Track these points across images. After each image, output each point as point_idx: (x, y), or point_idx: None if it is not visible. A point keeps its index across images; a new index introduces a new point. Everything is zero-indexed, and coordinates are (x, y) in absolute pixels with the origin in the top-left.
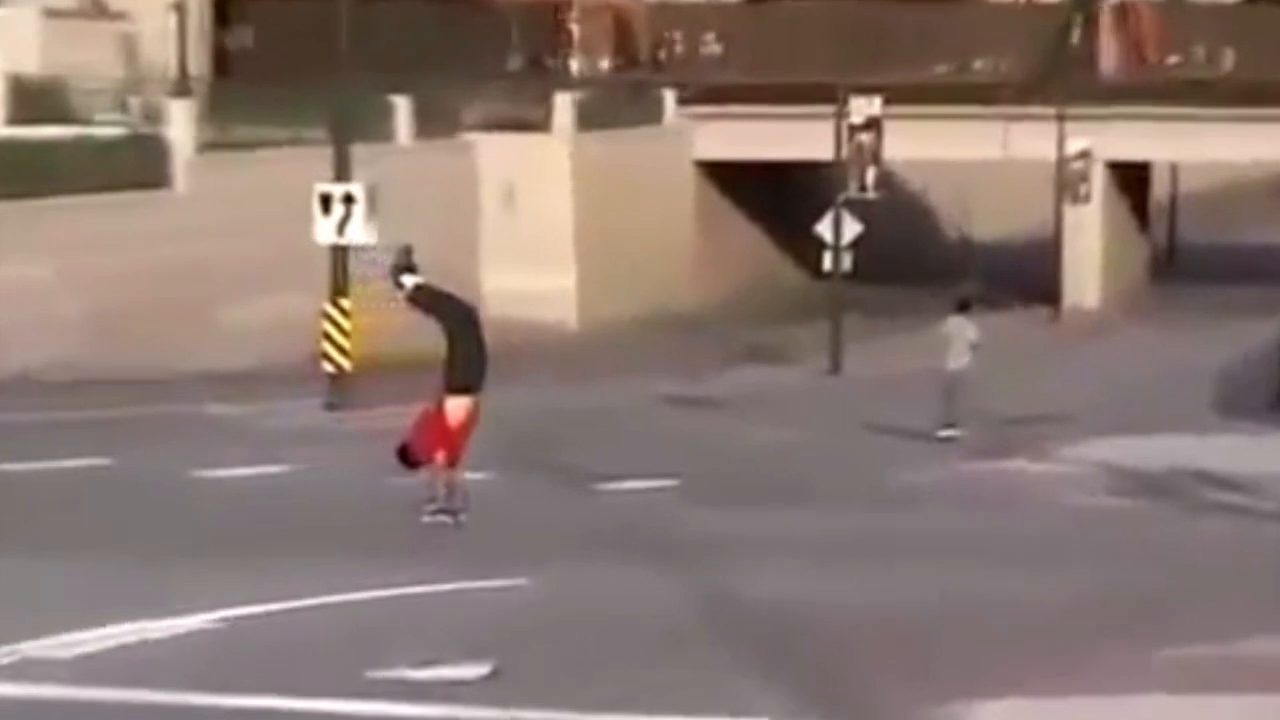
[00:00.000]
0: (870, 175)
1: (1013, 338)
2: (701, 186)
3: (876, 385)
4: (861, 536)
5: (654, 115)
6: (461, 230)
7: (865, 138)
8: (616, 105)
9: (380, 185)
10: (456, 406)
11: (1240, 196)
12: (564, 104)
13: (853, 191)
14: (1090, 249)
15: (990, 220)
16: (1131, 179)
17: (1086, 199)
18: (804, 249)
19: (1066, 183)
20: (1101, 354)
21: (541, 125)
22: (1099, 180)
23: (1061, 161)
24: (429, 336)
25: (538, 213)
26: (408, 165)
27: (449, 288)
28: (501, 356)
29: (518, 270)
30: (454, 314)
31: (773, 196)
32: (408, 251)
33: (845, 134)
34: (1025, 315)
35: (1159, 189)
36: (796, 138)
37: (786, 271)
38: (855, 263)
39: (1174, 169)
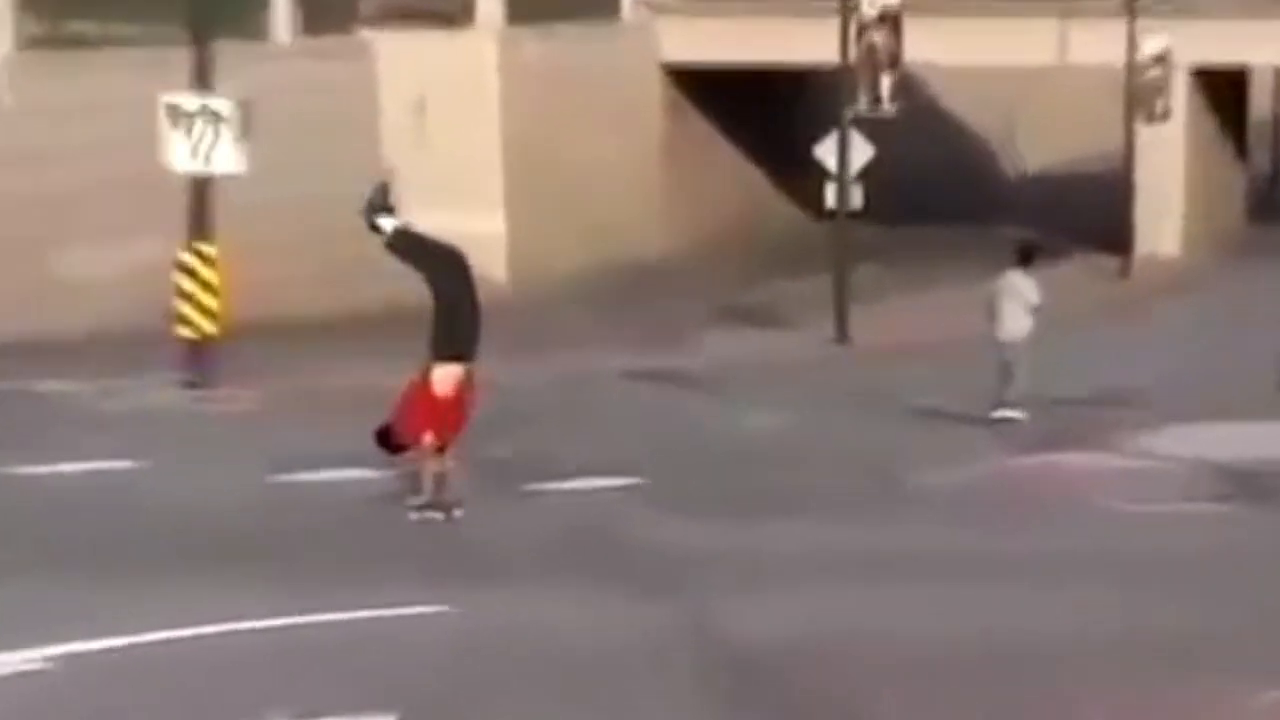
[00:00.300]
0: (886, 85)
1: (1071, 295)
2: (671, 100)
3: (894, 356)
4: (874, 554)
5: (609, 6)
6: (357, 157)
7: (879, 36)
8: None
9: (252, 97)
10: (445, 376)
11: None
12: None
13: (863, 106)
14: (1170, 181)
15: (1043, 144)
16: (1224, 91)
17: (1165, 117)
18: (802, 180)
19: (1139, 95)
20: (1183, 317)
21: (461, 18)
22: (1181, 92)
23: (1133, 67)
24: (325, 293)
25: (456, 134)
26: (287, 71)
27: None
28: (407, 321)
29: (430, 209)
30: (442, 265)
31: (762, 113)
32: (384, 189)
33: (854, 31)
34: (1087, 266)
35: (1260, 103)
36: (792, 36)
37: (780, 209)
38: (867, 197)
39: (1279, 78)
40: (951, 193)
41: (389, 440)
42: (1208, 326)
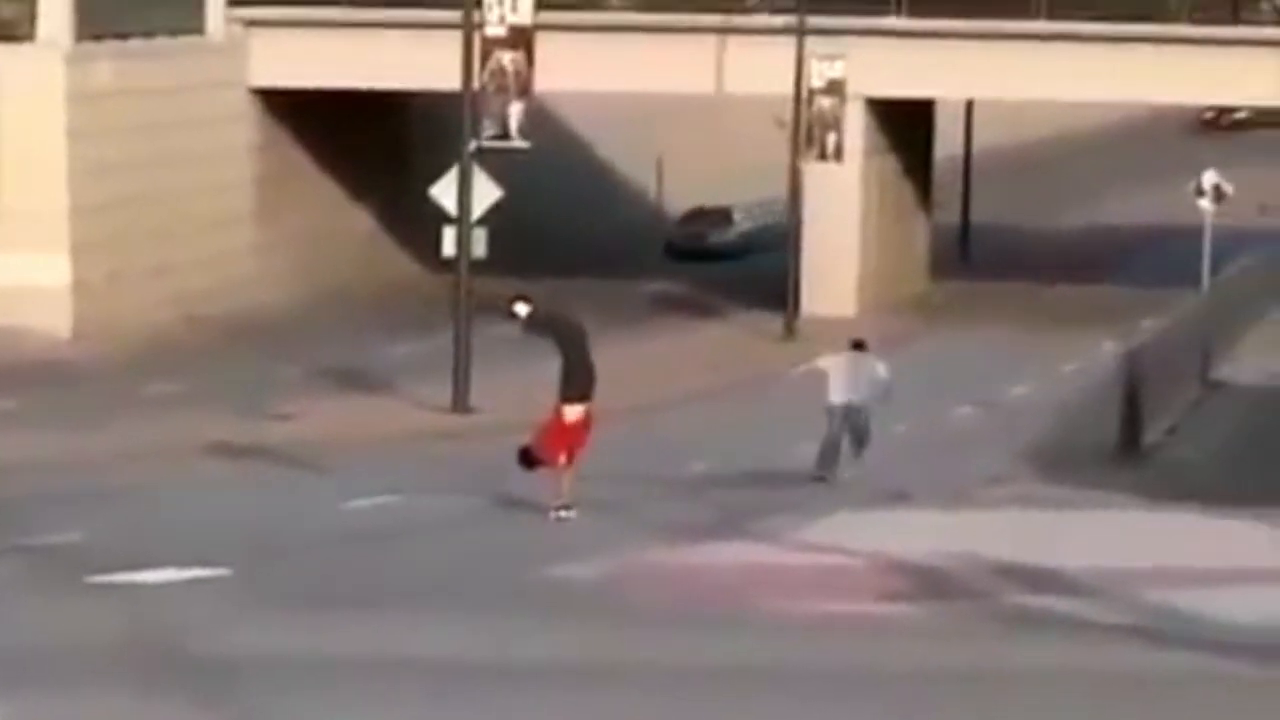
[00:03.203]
0: (516, 114)
1: (726, 361)
2: (266, 128)
3: (521, 428)
4: (481, 661)
5: (192, 19)
6: None
7: (509, 58)
8: (137, 3)
9: None
10: (571, 412)
11: (1061, 155)
12: (54, 1)
13: (488, 138)
14: (844, 230)
15: (700, 184)
16: (906, 126)
17: (838, 156)
18: (421, 224)
19: (807, 130)
20: None
21: (21, 30)
22: (857, 127)
23: (801, 98)
24: None
25: (14, 167)
26: None
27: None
28: None
29: None
30: (566, 332)
31: (375, 145)
32: (525, 295)
33: (479, 52)
34: (745, 327)
35: (947, 143)
36: (407, 56)
37: (393, 256)
38: (492, 245)
39: (969, 113)
40: (589, 241)
41: (529, 459)
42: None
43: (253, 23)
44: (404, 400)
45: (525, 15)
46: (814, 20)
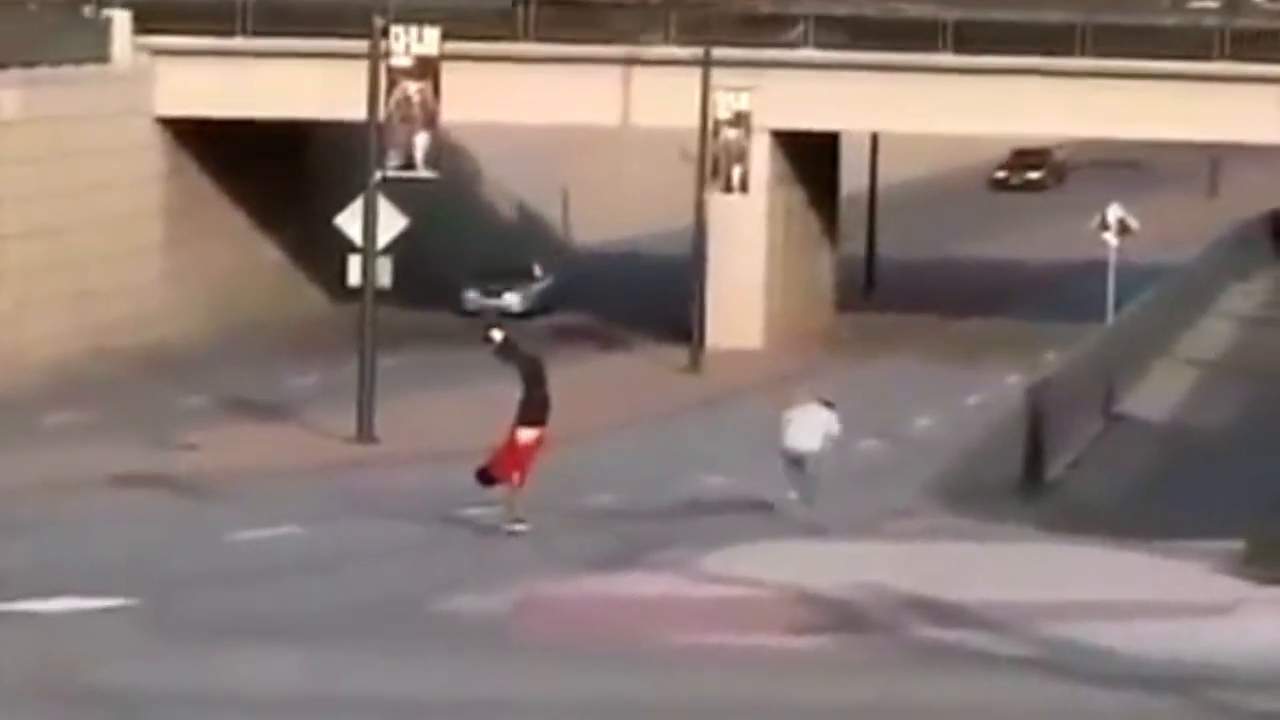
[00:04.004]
0: (422, 144)
1: (631, 393)
2: (173, 158)
3: (424, 460)
4: (371, 697)
5: (99, 47)
6: None
7: (415, 88)
8: (43, 30)
9: None
10: (528, 435)
11: (960, 189)
12: None
13: (394, 168)
14: (749, 262)
15: (605, 216)
16: (811, 159)
17: (743, 187)
18: (324, 253)
19: (713, 162)
20: (763, 416)
21: None
22: (762, 159)
23: (706, 129)
24: None
25: None
26: None
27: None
28: None
29: None
30: (529, 366)
31: (282, 175)
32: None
33: (384, 82)
34: (649, 359)
35: (852, 176)
36: (314, 86)
37: (299, 285)
38: (398, 275)
39: (874, 145)
40: (490, 273)
41: (487, 477)
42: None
43: (159, 51)
44: (309, 430)
45: (431, 46)
46: (719, 52)
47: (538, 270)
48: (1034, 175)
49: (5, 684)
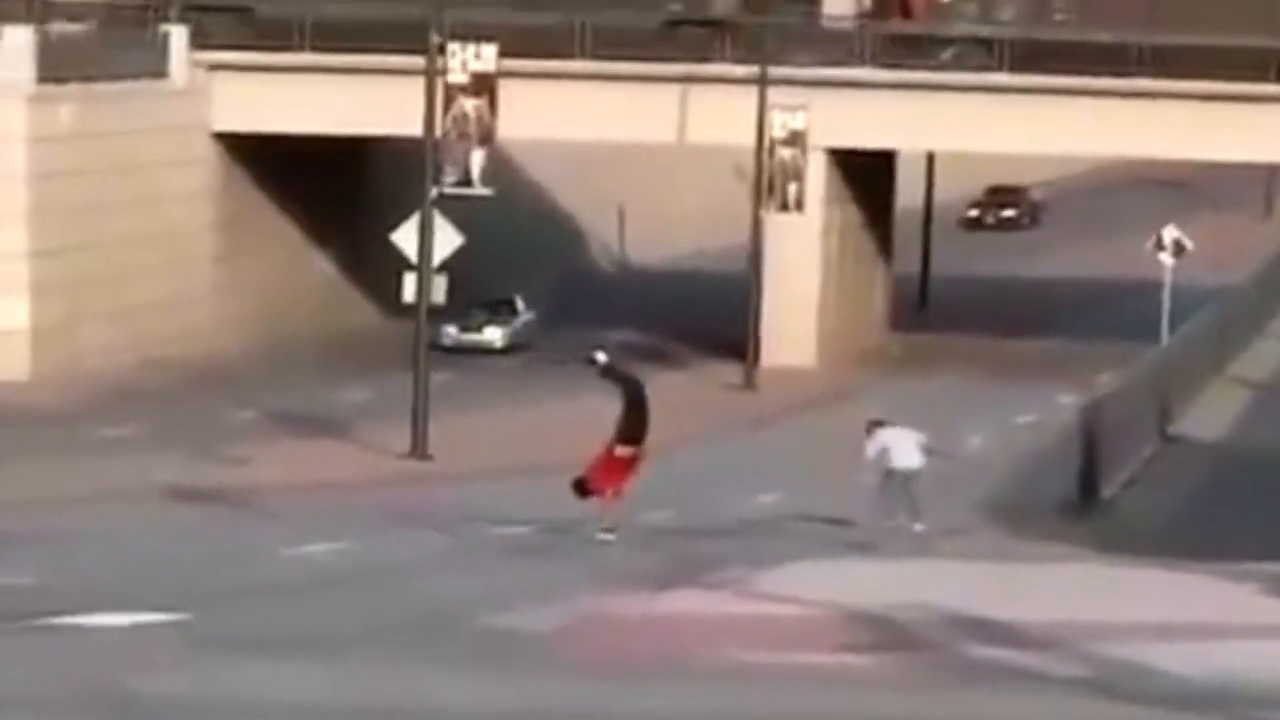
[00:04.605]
0: (478, 161)
1: (687, 411)
2: (227, 173)
3: (478, 477)
4: (426, 712)
5: (155, 63)
6: None
7: (471, 104)
8: (101, 46)
9: None
10: (624, 451)
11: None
12: (17, 43)
13: (450, 184)
14: (804, 281)
15: (661, 234)
16: (867, 178)
17: (798, 206)
18: (380, 270)
19: (769, 181)
20: (817, 434)
21: None
22: (819, 178)
23: (762, 148)
24: None
25: None
26: None
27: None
28: None
29: None
30: (630, 386)
31: (335, 190)
32: (604, 346)
33: (441, 99)
34: (705, 377)
35: (908, 194)
36: (370, 101)
37: (353, 301)
38: (452, 291)
39: (930, 165)
40: (553, 287)
41: (583, 488)
42: (843, 451)
43: (215, 67)
44: (362, 446)
45: (489, 62)
46: (776, 70)
47: (520, 304)
48: (1008, 213)
49: (53, 698)
